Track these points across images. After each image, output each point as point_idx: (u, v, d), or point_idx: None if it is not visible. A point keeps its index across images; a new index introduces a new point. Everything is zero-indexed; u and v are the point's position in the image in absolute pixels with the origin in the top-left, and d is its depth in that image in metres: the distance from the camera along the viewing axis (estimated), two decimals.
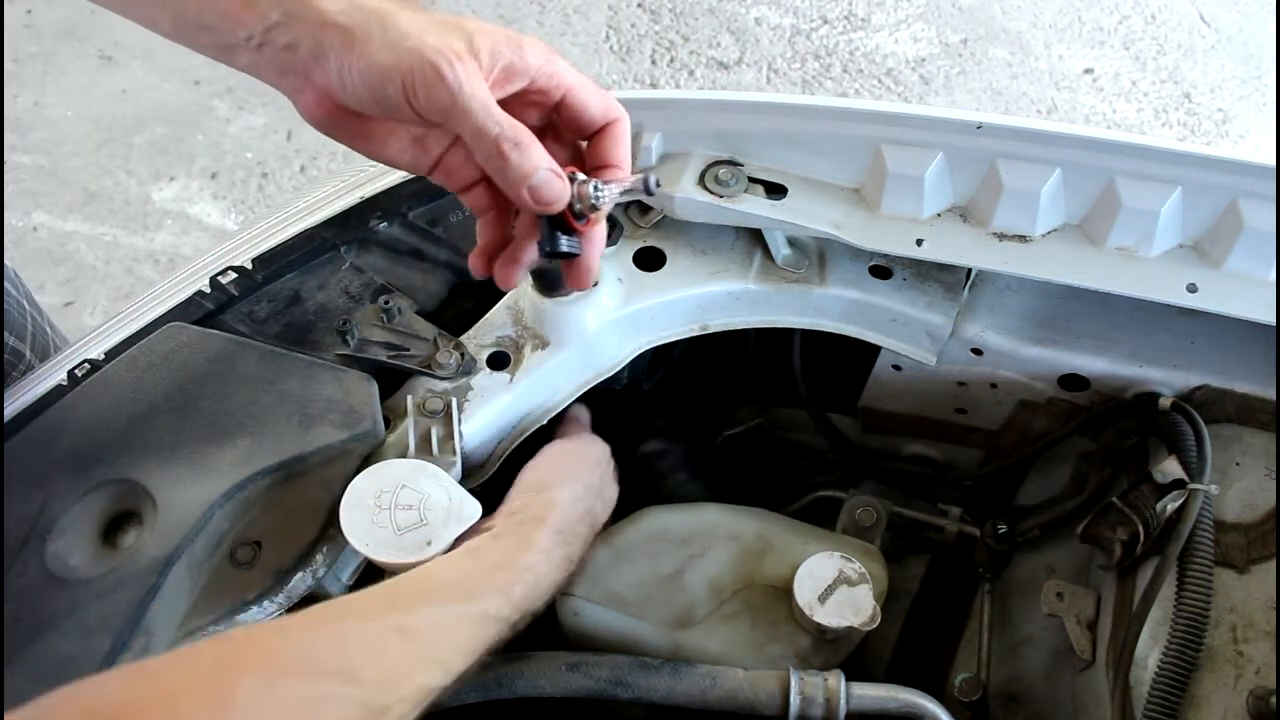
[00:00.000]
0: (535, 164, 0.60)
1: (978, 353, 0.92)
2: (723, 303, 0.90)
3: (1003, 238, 0.82)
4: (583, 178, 0.63)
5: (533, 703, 0.74)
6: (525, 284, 0.84)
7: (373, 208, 0.92)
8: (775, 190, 0.85)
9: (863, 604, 0.79)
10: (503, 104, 0.60)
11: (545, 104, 0.65)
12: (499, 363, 0.84)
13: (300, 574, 0.72)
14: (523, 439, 0.84)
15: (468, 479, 0.81)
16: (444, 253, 0.92)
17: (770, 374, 1.09)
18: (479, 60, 0.59)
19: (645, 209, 0.91)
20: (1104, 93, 2.92)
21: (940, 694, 0.81)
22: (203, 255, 0.94)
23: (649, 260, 0.89)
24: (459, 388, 0.82)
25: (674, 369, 1.06)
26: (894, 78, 2.91)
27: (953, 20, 3.07)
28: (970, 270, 0.90)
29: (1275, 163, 0.76)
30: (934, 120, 0.81)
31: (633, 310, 0.86)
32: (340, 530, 0.71)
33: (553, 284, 0.82)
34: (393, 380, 0.82)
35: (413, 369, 0.82)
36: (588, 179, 0.63)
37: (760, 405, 1.15)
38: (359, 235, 0.92)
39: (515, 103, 0.63)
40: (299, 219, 0.92)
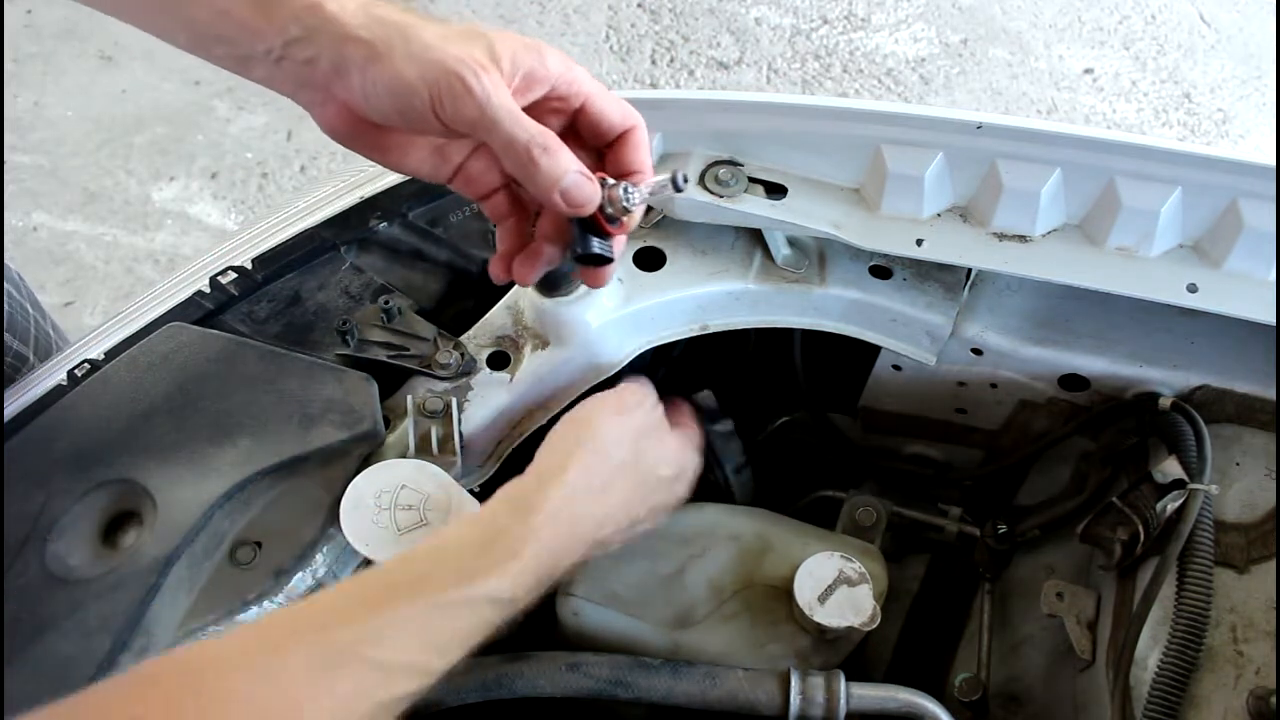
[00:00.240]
0: (565, 167, 0.61)
1: (978, 353, 0.92)
2: (723, 303, 0.90)
3: (1003, 238, 0.82)
4: (612, 181, 0.64)
5: (533, 703, 0.74)
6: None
7: (373, 208, 0.92)
8: (775, 190, 0.85)
9: (863, 604, 0.79)
10: (526, 112, 0.60)
11: (565, 111, 0.65)
12: (499, 363, 0.84)
13: (300, 574, 0.72)
14: (523, 439, 0.84)
15: (468, 479, 0.81)
16: (444, 253, 0.92)
17: (770, 374, 1.08)
18: (501, 68, 0.59)
19: (645, 209, 0.91)
20: (1104, 93, 2.92)
21: (940, 694, 0.81)
22: (203, 255, 0.95)
23: (649, 260, 0.89)
24: (459, 388, 0.82)
25: (674, 369, 1.06)
26: (894, 78, 2.91)
27: (953, 20, 3.07)
28: (970, 270, 0.90)
29: (1275, 163, 0.76)
30: (934, 120, 0.81)
31: (633, 310, 0.86)
32: (340, 530, 0.71)
33: (553, 284, 0.82)
34: (393, 380, 0.82)
35: (413, 369, 0.82)
36: (617, 182, 0.64)
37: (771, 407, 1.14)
38: (359, 235, 0.92)
39: (536, 110, 0.63)
40: (299, 219, 0.92)
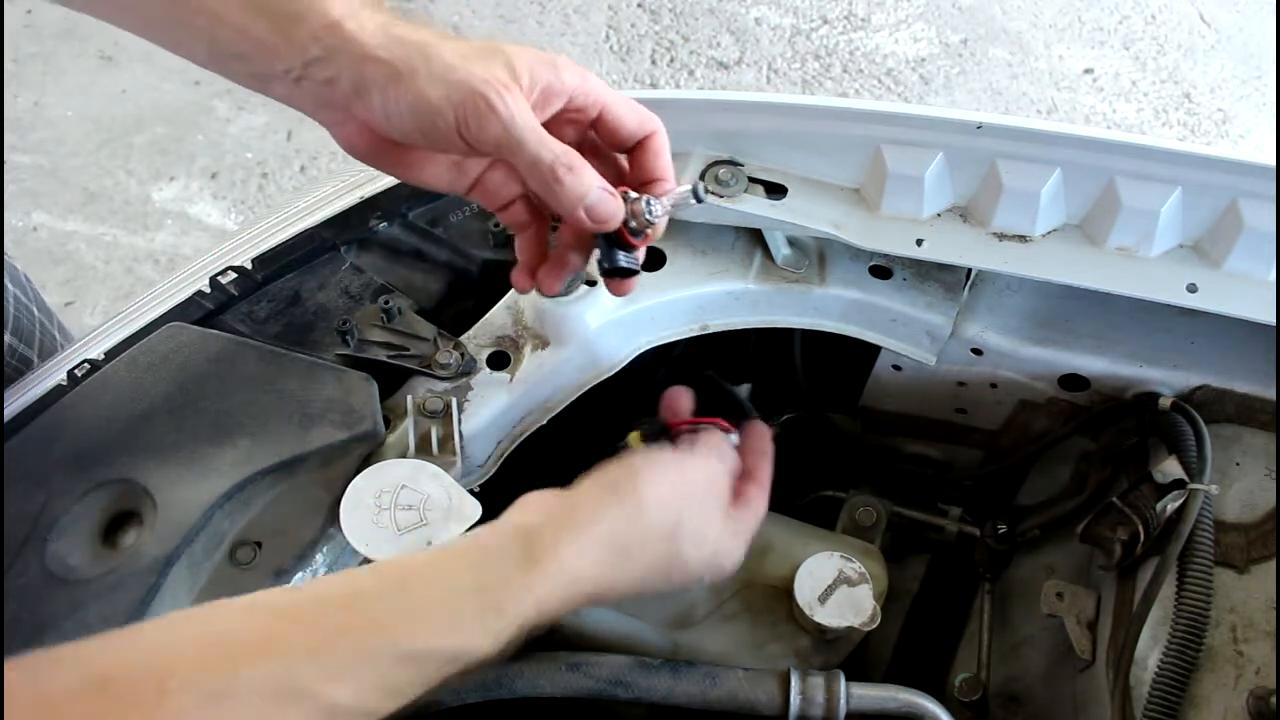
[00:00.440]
0: (589, 185, 0.61)
1: (978, 353, 0.92)
2: (723, 303, 0.90)
3: (1003, 238, 0.82)
4: (634, 195, 0.65)
5: (533, 703, 0.74)
6: None
7: (373, 208, 0.92)
8: (775, 190, 0.85)
9: (863, 604, 0.79)
10: (543, 125, 0.60)
11: (582, 121, 0.65)
12: (499, 363, 0.84)
13: (300, 574, 0.72)
14: (523, 439, 0.84)
15: (468, 479, 0.81)
16: (444, 253, 0.92)
17: (770, 374, 1.08)
18: (520, 85, 0.59)
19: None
20: (1104, 93, 2.92)
21: (940, 694, 0.81)
22: (203, 255, 0.94)
23: (649, 260, 0.89)
24: (459, 388, 0.82)
25: (674, 369, 1.06)
26: (894, 78, 2.91)
27: (953, 20, 3.07)
28: (970, 270, 0.90)
29: (1275, 163, 0.76)
30: (934, 120, 0.81)
31: (633, 310, 0.86)
32: (340, 530, 0.71)
33: None
34: (393, 380, 0.82)
35: (413, 369, 0.82)
36: (639, 196, 0.64)
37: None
38: (359, 235, 0.92)
39: (553, 123, 0.63)
40: (299, 219, 0.92)
